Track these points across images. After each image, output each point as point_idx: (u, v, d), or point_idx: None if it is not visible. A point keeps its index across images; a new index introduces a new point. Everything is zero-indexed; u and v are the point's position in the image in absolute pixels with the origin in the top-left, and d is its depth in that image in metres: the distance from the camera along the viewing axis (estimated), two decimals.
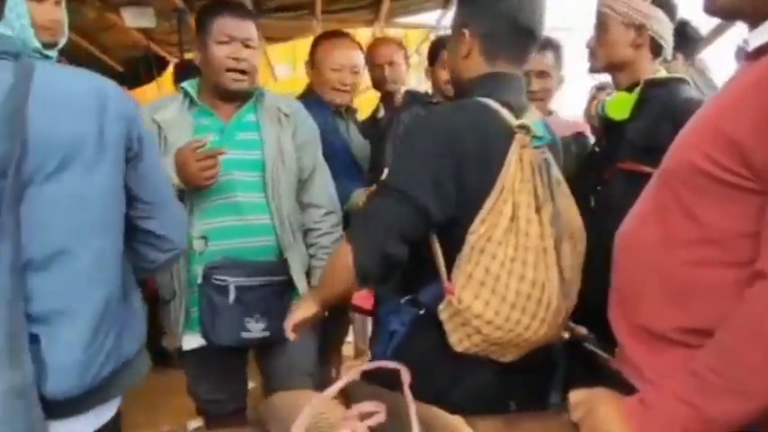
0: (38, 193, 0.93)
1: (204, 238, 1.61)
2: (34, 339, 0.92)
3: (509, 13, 1.22)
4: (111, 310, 1.01)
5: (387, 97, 2.51)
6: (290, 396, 1.03)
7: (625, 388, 1.02)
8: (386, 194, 1.18)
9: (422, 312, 1.26)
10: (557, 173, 1.28)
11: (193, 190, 1.56)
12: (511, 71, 1.27)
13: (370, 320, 3.94)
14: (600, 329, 1.46)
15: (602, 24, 1.57)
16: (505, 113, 1.21)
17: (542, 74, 2.07)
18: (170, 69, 4.39)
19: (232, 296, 1.59)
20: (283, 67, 4.80)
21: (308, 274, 1.77)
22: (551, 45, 2.10)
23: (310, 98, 2.19)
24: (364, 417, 0.87)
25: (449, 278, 1.19)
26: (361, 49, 2.32)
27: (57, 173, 0.94)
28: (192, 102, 1.67)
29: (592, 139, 2.05)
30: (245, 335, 1.62)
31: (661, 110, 1.46)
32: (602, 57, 1.59)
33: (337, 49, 2.20)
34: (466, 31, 1.27)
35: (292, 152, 1.71)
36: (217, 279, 1.59)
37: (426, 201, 1.14)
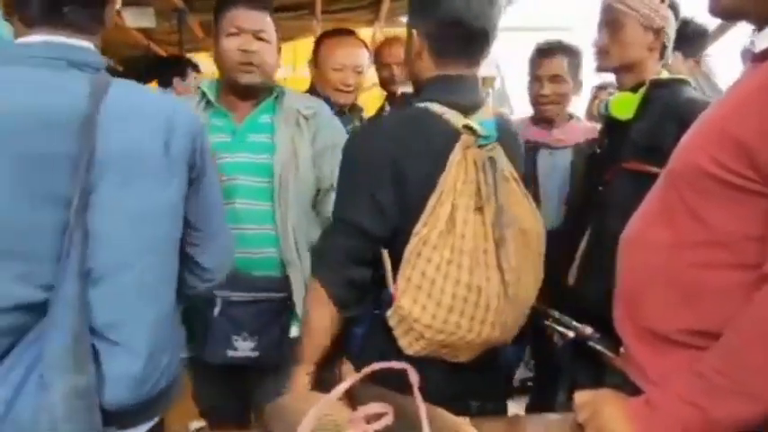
0: (101, 204, 0.94)
1: None
2: (93, 350, 0.94)
3: (455, 15, 1.18)
4: (165, 327, 1.03)
5: (393, 97, 2.48)
6: (296, 398, 1.03)
7: (630, 387, 1.03)
8: (332, 225, 1.23)
9: (376, 312, 1.25)
10: (508, 170, 1.26)
11: None
12: (462, 72, 1.24)
13: None
14: (603, 328, 1.47)
15: (616, 22, 1.54)
16: (451, 116, 1.20)
17: (555, 78, 2.04)
18: None
19: (217, 310, 1.49)
20: (283, 67, 4.80)
21: None
22: (565, 49, 2.06)
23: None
24: (371, 419, 0.87)
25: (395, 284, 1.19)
26: (365, 47, 2.28)
27: (121, 185, 0.95)
28: (208, 102, 1.59)
29: None
30: (231, 353, 1.51)
31: (664, 110, 1.47)
32: (617, 56, 1.57)
33: (340, 48, 2.16)
34: (415, 32, 1.24)
35: (309, 159, 1.59)
36: None
37: (362, 222, 1.16)
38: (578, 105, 2.69)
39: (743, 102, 0.86)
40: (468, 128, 1.19)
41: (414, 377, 0.78)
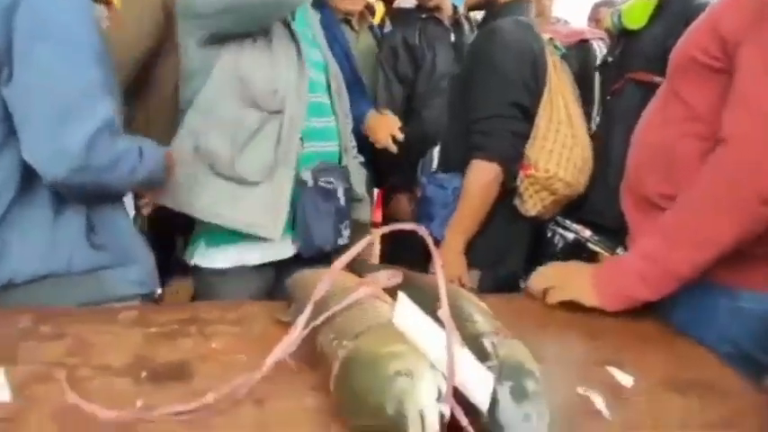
0: None
1: (300, 138, 1.44)
2: None
3: None
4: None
5: (395, 11, 2.36)
6: (311, 272, 1.08)
7: None
8: (489, 109, 1.48)
9: None
10: None
11: None
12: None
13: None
14: (601, 231, 1.53)
15: None
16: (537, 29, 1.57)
17: None
18: None
19: (342, 200, 1.51)
20: None
21: None
22: None
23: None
24: (380, 282, 0.93)
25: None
26: None
27: None
28: None
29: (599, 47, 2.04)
30: (340, 241, 1.52)
31: (677, 16, 1.46)
32: None
33: None
34: None
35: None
36: (325, 182, 1.47)
37: (523, 101, 1.48)
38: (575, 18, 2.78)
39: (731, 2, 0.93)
40: (550, 40, 1.61)
41: (425, 235, 0.81)
